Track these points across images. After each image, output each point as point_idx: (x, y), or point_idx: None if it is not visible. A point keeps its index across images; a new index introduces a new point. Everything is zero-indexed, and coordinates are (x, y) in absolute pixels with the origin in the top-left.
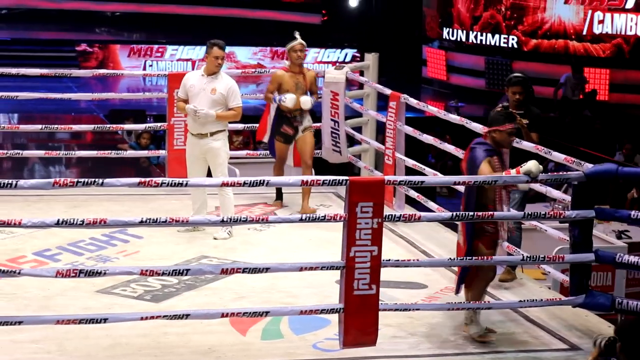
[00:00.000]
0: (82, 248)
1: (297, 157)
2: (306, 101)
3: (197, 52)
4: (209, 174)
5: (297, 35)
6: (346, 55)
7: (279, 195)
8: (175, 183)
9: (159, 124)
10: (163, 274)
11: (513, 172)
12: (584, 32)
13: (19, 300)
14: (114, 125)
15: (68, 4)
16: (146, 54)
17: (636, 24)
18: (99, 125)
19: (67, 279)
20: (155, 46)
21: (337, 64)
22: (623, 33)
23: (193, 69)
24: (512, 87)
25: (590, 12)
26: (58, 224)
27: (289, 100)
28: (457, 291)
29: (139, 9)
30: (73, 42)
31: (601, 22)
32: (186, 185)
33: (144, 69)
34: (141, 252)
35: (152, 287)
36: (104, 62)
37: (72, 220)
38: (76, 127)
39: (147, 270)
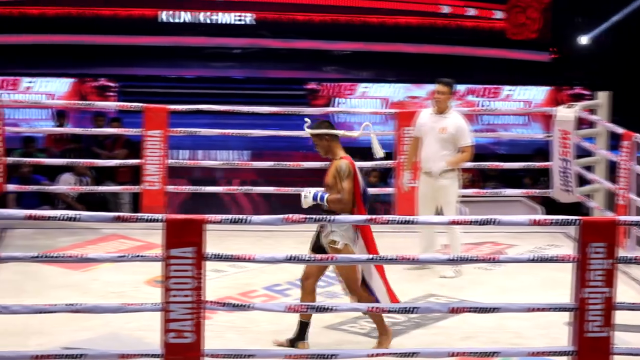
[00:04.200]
0: None
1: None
2: (304, 200)
3: (420, 90)
4: (437, 213)
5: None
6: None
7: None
8: (403, 221)
9: (387, 162)
10: (391, 311)
11: None
12: None
13: (251, 334)
14: None
15: (299, 43)
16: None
17: None
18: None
19: (297, 314)
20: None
21: (569, 103)
22: None
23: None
24: None
25: None
26: (288, 259)
27: (303, 198)
28: None
29: (367, 47)
30: (302, 81)
31: None
32: (414, 223)
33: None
34: None
35: None
36: (332, 101)
37: (302, 256)
38: (306, 164)
39: (375, 308)
